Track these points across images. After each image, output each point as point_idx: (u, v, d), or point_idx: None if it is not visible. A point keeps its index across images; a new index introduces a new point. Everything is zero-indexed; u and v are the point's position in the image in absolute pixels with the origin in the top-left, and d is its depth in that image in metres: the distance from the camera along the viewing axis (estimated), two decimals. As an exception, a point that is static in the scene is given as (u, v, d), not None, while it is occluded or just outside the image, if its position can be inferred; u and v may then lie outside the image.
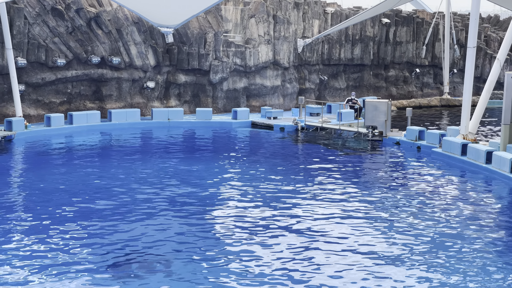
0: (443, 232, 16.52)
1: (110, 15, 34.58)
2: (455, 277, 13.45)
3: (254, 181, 21.78)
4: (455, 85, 51.50)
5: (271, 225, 16.88)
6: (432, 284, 13.06)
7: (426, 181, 22.76)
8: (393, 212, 18.38)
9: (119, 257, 14.27)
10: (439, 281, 13.22)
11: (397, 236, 16.15)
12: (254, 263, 14.09)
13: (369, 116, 31.02)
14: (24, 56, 31.86)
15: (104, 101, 34.81)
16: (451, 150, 26.22)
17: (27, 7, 31.87)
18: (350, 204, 19.09)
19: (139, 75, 35.82)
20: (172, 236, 15.88)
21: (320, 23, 43.53)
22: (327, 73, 44.46)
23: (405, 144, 29.35)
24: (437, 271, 13.75)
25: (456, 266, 14.11)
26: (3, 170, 23.48)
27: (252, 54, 39.42)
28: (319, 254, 14.76)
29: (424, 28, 49.74)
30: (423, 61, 49.94)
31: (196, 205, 18.85)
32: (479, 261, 14.44)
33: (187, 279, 13.18)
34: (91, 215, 17.45)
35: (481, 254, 14.92)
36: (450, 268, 13.94)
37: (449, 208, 18.98)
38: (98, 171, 23.38)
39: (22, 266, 13.56)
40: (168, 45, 36.56)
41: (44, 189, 20.41)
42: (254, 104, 39.70)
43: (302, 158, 27.10)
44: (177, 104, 37.17)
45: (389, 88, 48.20)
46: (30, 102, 32.51)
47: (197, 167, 24.07)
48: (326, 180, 22.34)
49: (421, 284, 13.09)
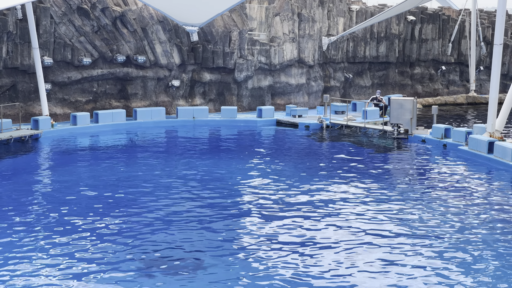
0: (470, 232, 16.38)
1: (135, 14, 34.73)
2: (484, 278, 13.35)
3: (279, 179, 21.75)
4: (482, 82, 51.07)
5: (300, 224, 16.84)
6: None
7: (453, 179, 22.59)
8: (421, 211, 18.26)
9: (148, 255, 14.33)
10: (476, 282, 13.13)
11: (426, 235, 16.05)
12: (275, 261, 14.08)
13: (395, 114, 30.85)
14: (50, 55, 32.10)
15: (129, 100, 34.98)
16: (478, 148, 26.00)
17: (53, 7, 32.10)
18: (377, 203, 19.00)
19: (164, 74, 35.94)
20: (200, 234, 15.90)
21: (345, 21, 43.39)
22: (352, 71, 44.31)
23: (431, 142, 29.15)
24: (470, 270, 13.66)
25: (490, 264, 14.01)
26: (30, 168, 23.68)
27: (277, 52, 39.38)
28: (354, 252, 14.72)
29: (450, 26, 49.38)
30: (449, 59, 49.57)
31: (222, 203, 18.85)
32: (504, 262, 14.32)
33: (220, 277, 13.19)
34: (118, 213, 17.52)
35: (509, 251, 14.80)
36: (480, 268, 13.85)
37: (475, 206, 18.81)
38: (124, 169, 23.49)
39: (54, 264, 13.66)
40: (193, 43, 36.65)
41: (70, 187, 20.53)
42: (279, 102, 39.66)
43: (327, 157, 27.02)
44: (202, 102, 37.24)
45: (414, 86, 47.91)
46: (56, 101, 32.76)
47: (223, 165, 24.09)
48: (352, 178, 22.24)
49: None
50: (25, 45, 31.03)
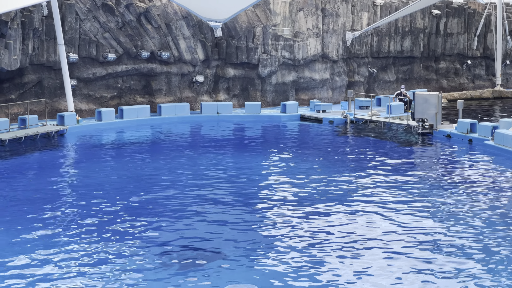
0: (497, 228, 16.29)
1: (160, 10, 34.84)
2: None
3: (303, 174, 21.73)
4: (508, 76, 50.64)
5: (325, 217, 16.84)
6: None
7: (479, 174, 22.43)
8: (448, 206, 18.17)
9: (173, 251, 14.39)
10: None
11: (454, 230, 15.97)
12: (300, 255, 14.09)
13: (419, 109, 30.64)
14: (76, 51, 32.31)
15: (153, 96, 35.12)
16: (504, 143, 25.78)
17: (78, 3, 32.30)
18: (404, 198, 18.93)
19: (188, 69, 36.03)
20: (225, 231, 15.95)
21: (369, 15, 43.20)
22: (376, 66, 44.12)
23: (456, 137, 28.95)
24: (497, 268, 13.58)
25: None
26: (57, 164, 23.87)
27: (300, 47, 39.32)
28: (376, 250, 14.69)
29: (476, 19, 48.98)
30: (475, 53, 49.20)
31: (247, 198, 18.89)
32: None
33: (244, 273, 13.24)
34: (142, 209, 17.61)
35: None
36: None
37: (504, 202, 18.69)
38: (149, 165, 23.59)
39: (78, 260, 13.77)
40: (217, 39, 36.68)
41: (96, 183, 20.66)
42: (303, 98, 39.60)
43: (352, 151, 26.94)
44: (226, 98, 37.29)
45: (439, 80, 47.61)
46: (81, 97, 32.97)
47: (246, 160, 24.12)
48: (378, 172, 22.17)
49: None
50: (50, 42, 31.26)
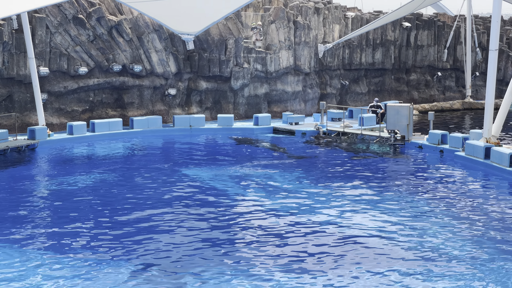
0: (468, 237, 16.40)
1: (131, 23, 34.77)
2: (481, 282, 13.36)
3: (278, 186, 21.75)
4: (478, 88, 51.17)
5: (296, 230, 16.86)
6: None
7: (450, 185, 22.60)
8: (418, 217, 18.27)
9: (142, 270, 14.33)
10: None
11: (427, 239, 16.07)
12: (279, 261, 14.08)
13: (391, 120, 30.87)
14: (46, 65, 32.11)
15: (126, 109, 34.98)
16: (474, 154, 26.02)
17: (48, 17, 32.12)
18: (374, 208, 19.01)
19: (161, 82, 35.96)
20: (199, 245, 15.91)
21: (340, 28, 43.47)
22: (348, 78, 44.37)
23: (428, 148, 29.18)
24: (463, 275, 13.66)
25: (486, 269, 14.02)
26: (27, 178, 23.62)
27: (273, 60, 39.43)
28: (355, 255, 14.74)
29: (446, 32, 49.51)
30: (445, 65, 49.68)
31: (222, 210, 18.86)
32: (503, 263, 14.33)
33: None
34: (115, 224, 17.50)
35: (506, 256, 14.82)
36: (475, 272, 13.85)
37: (473, 211, 18.83)
38: (121, 179, 23.46)
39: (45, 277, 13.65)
40: (189, 52, 36.68)
41: (67, 197, 20.50)
42: (276, 110, 39.68)
43: (324, 163, 27.02)
44: (198, 110, 37.25)
45: (410, 92, 47.99)
46: (52, 110, 32.74)
47: (221, 172, 24.09)
48: (348, 184, 22.25)
49: None
50: (21, 55, 31.04)
